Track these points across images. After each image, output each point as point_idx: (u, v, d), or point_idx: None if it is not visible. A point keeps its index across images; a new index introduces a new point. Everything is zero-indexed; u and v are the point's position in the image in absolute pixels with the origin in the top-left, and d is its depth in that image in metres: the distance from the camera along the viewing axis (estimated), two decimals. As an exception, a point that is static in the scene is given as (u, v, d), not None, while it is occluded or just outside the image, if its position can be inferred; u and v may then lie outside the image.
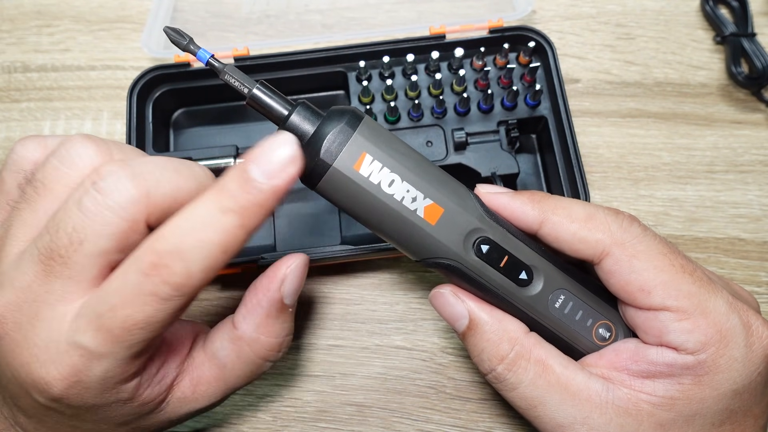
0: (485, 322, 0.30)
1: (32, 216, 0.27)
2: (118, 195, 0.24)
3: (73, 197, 0.25)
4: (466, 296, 0.31)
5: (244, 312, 0.32)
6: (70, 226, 0.24)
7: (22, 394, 0.27)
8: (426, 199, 0.28)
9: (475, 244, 0.29)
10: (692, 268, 0.29)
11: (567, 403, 0.28)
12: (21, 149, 0.29)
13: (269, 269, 0.31)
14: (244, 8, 0.52)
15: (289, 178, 0.25)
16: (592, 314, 0.31)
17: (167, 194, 0.26)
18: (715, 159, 0.47)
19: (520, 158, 0.45)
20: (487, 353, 0.30)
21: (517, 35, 0.44)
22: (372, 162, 0.28)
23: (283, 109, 0.29)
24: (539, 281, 0.30)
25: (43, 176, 0.27)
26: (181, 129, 0.47)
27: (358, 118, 0.28)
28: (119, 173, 0.25)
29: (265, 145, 0.25)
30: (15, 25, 0.53)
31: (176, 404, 0.31)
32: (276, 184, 0.25)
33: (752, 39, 0.49)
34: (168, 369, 0.30)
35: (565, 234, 0.29)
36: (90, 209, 0.24)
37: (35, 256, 0.25)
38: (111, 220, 0.24)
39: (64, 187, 0.26)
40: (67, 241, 0.25)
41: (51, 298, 0.25)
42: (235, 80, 0.28)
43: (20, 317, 0.26)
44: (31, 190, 0.27)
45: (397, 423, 0.40)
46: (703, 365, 0.27)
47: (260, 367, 0.32)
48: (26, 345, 0.25)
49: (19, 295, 0.26)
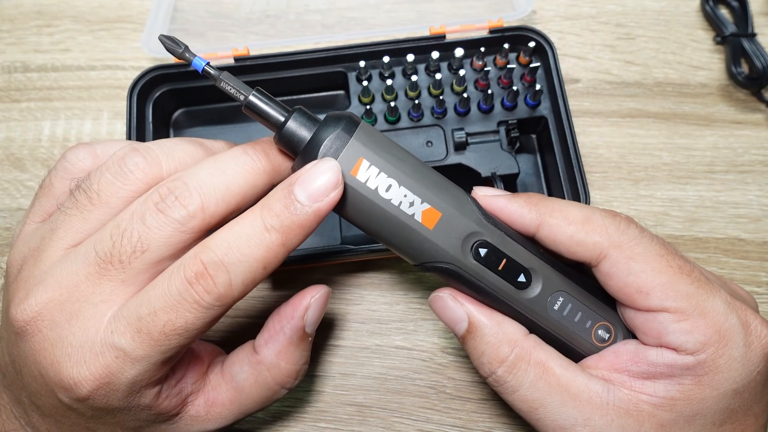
0: (484, 325, 0.30)
1: (82, 223, 0.28)
2: (180, 211, 0.26)
3: (138, 211, 0.27)
4: (465, 299, 0.31)
5: (267, 337, 0.33)
6: (136, 236, 0.26)
7: (45, 393, 0.27)
8: (423, 203, 0.28)
9: (473, 247, 0.29)
10: (690, 269, 0.29)
11: (568, 405, 0.28)
12: (72, 156, 0.31)
13: (293, 298, 0.33)
14: (244, 8, 0.52)
15: (332, 202, 0.27)
16: (591, 316, 0.31)
17: (220, 200, 0.27)
18: (715, 159, 0.47)
19: (520, 158, 0.45)
20: (487, 356, 0.30)
21: (517, 35, 0.44)
22: (369, 167, 0.28)
23: (280, 115, 0.29)
24: (538, 284, 0.30)
25: (99, 188, 0.28)
26: (181, 129, 0.47)
27: (355, 124, 0.28)
28: (180, 189, 0.27)
29: (311, 169, 0.27)
30: (15, 25, 0.53)
31: (188, 421, 0.31)
32: (319, 207, 0.27)
33: (752, 39, 0.49)
34: (185, 383, 0.31)
35: (562, 237, 0.29)
36: (154, 224, 0.26)
37: (91, 258, 0.27)
38: (171, 233, 0.26)
39: (118, 200, 0.28)
40: (130, 250, 0.26)
41: (96, 298, 0.26)
42: (231, 87, 0.28)
43: (58, 316, 0.26)
44: (85, 199, 0.28)
45: (397, 423, 0.40)
46: (702, 365, 0.27)
47: (276, 393, 0.33)
48: (60, 344, 0.26)
49: (63, 293, 0.27)
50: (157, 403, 0.29)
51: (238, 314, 0.43)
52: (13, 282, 0.28)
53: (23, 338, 0.27)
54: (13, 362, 0.29)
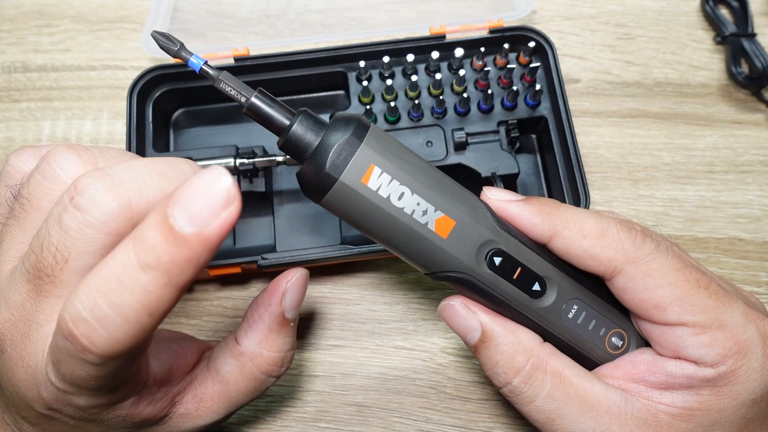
0: (499, 334, 0.29)
1: (21, 232, 0.26)
2: (98, 210, 0.22)
3: (53, 214, 0.23)
4: (477, 308, 0.30)
5: (246, 327, 0.32)
6: (54, 245, 0.23)
7: (24, 406, 0.27)
8: (437, 211, 0.27)
9: (488, 256, 0.28)
10: (707, 282, 0.28)
11: (586, 415, 0.28)
12: (15, 161, 0.28)
13: (270, 284, 0.32)
14: (244, 8, 0.52)
15: (225, 225, 0.21)
16: (605, 323, 0.31)
17: (152, 201, 0.23)
18: (715, 159, 0.47)
19: (520, 158, 0.45)
20: (501, 366, 0.29)
21: (517, 35, 0.44)
22: (381, 174, 0.27)
23: (284, 118, 0.27)
24: (552, 292, 0.29)
25: (28, 192, 0.26)
26: (181, 129, 0.47)
27: (365, 128, 0.27)
28: (97, 186, 0.23)
29: (192, 183, 0.21)
30: (15, 25, 0.53)
31: (178, 420, 0.31)
32: (207, 234, 0.21)
33: (752, 39, 0.49)
34: (169, 387, 0.30)
35: (576, 250, 0.29)
36: (71, 227, 0.23)
37: (24, 274, 0.24)
38: (93, 236, 0.23)
39: (48, 203, 0.25)
40: (52, 260, 0.23)
41: (40, 317, 0.25)
42: (231, 88, 0.27)
43: (15, 335, 0.25)
44: (18, 206, 0.26)
45: (397, 423, 0.40)
46: (723, 377, 0.27)
47: (263, 382, 0.33)
48: (22, 364, 0.25)
49: (13, 313, 0.25)
50: (138, 411, 0.28)
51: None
52: None
53: None
54: None
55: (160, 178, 0.24)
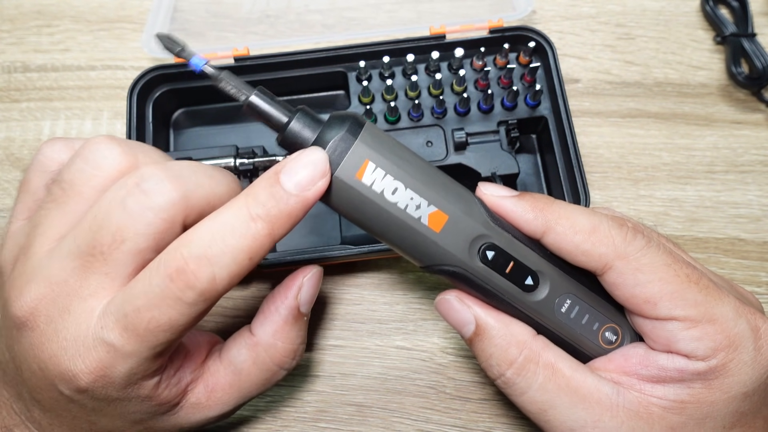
0: (492, 327, 0.30)
1: (60, 216, 0.27)
2: (160, 196, 0.25)
3: (116, 197, 0.26)
4: (471, 302, 0.30)
5: (262, 319, 0.33)
6: (114, 225, 0.25)
7: (45, 386, 0.27)
8: (430, 206, 0.28)
9: (481, 250, 0.29)
10: (698, 276, 0.28)
11: (578, 407, 0.28)
12: (48, 150, 0.30)
13: (286, 280, 0.33)
14: (244, 8, 0.52)
15: (319, 192, 0.26)
16: (599, 318, 0.31)
17: (203, 197, 0.27)
18: (715, 159, 0.47)
19: (520, 158, 0.45)
20: (495, 358, 0.30)
21: (517, 35, 0.44)
22: (375, 170, 0.27)
23: (283, 115, 0.28)
24: (545, 286, 0.30)
25: (71, 177, 0.27)
26: (181, 129, 0.47)
27: (360, 125, 0.28)
28: (160, 175, 0.26)
29: (298, 157, 0.26)
30: (15, 25, 0.53)
31: (190, 410, 0.31)
32: (306, 196, 0.26)
33: (752, 39, 0.49)
34: (184, 373, 0.31)
35: (568, 246, 0.29)
36: (134, 210, 0.25)
37: (74, 252, 0.26)
38: (152, 220, 0.25)
39: (91, 189, 0.27)
40: (110, 239, 0.25)
41: (84, 292, 0.26)
42: (232, 87, 0.28)
43: (52, 311, 0.26)
44: (59, 190, 0.28)
45: (397, 423, 0.40)
46: (714, 371, 0.27)
47: (275, 374, 0.33)
48: (56, 338, 0.26)
49: (54, 289, 0.26)
50: (157, 393, 0.29)
51: (238, 314, 0.43)
52: (8, 280, 0.28)
53: (21, 334, 0.27)
54: (13, 358, 0.29)
55: (210, 180, 0.27)
